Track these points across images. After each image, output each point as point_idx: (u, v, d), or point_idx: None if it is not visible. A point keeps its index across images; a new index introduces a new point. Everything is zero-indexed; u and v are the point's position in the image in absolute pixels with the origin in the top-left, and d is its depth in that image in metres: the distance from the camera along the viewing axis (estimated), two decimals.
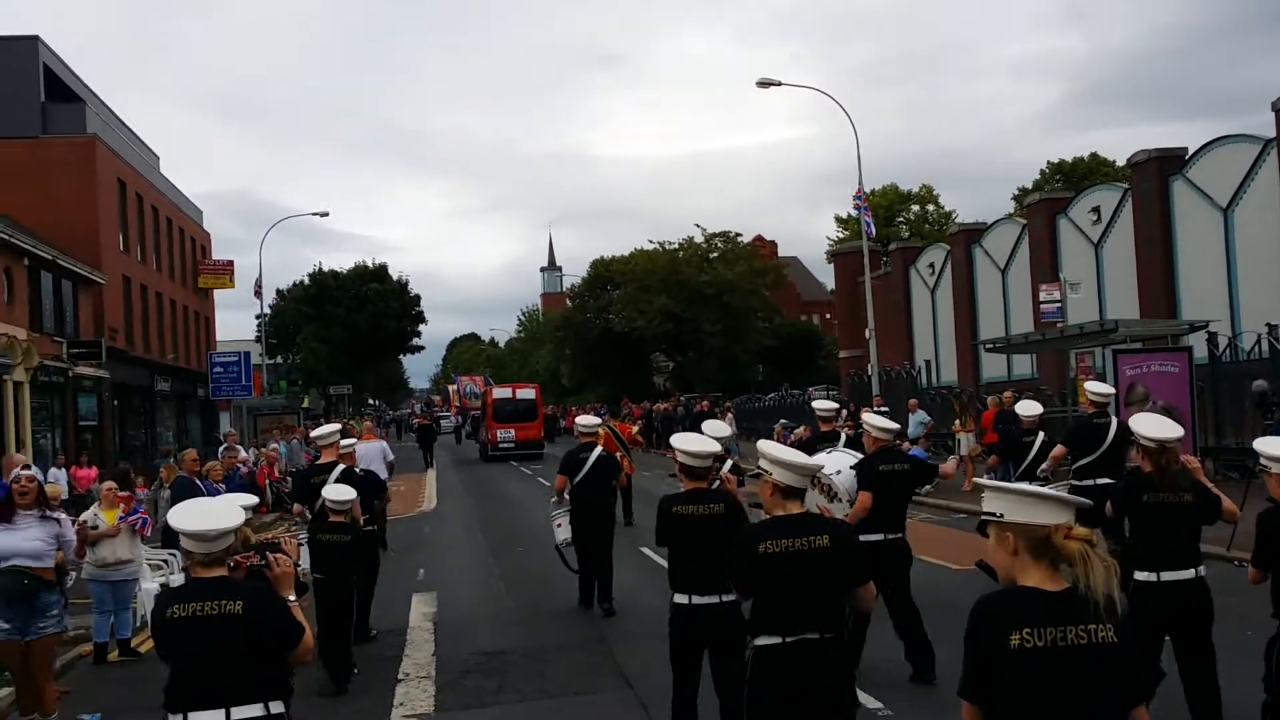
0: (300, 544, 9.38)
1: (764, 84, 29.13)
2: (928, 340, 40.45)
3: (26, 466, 8.57)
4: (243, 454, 20.53)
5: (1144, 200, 28.58)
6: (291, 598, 4.55)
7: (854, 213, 30.70)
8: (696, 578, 6.10)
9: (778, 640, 4.73)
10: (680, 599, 6.20)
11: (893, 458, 8.27)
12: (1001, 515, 3.29)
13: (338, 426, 12.62)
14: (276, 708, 4.29)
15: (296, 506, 10.65)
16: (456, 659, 9.65)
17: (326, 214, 48.14)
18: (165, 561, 12.20)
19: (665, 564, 6.58)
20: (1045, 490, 3.39)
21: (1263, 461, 6.03)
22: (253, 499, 6.17)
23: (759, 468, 5.01)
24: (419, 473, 34.44)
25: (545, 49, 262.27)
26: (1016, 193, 65.67)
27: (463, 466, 39.12)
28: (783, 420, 29.06)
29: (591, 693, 8.56)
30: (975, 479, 4.54)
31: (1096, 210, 31.02)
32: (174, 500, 12.24)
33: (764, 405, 42.51)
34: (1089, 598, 3.10)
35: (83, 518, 10.27)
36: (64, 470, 20.07)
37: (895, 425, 8.72)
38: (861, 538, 7.21)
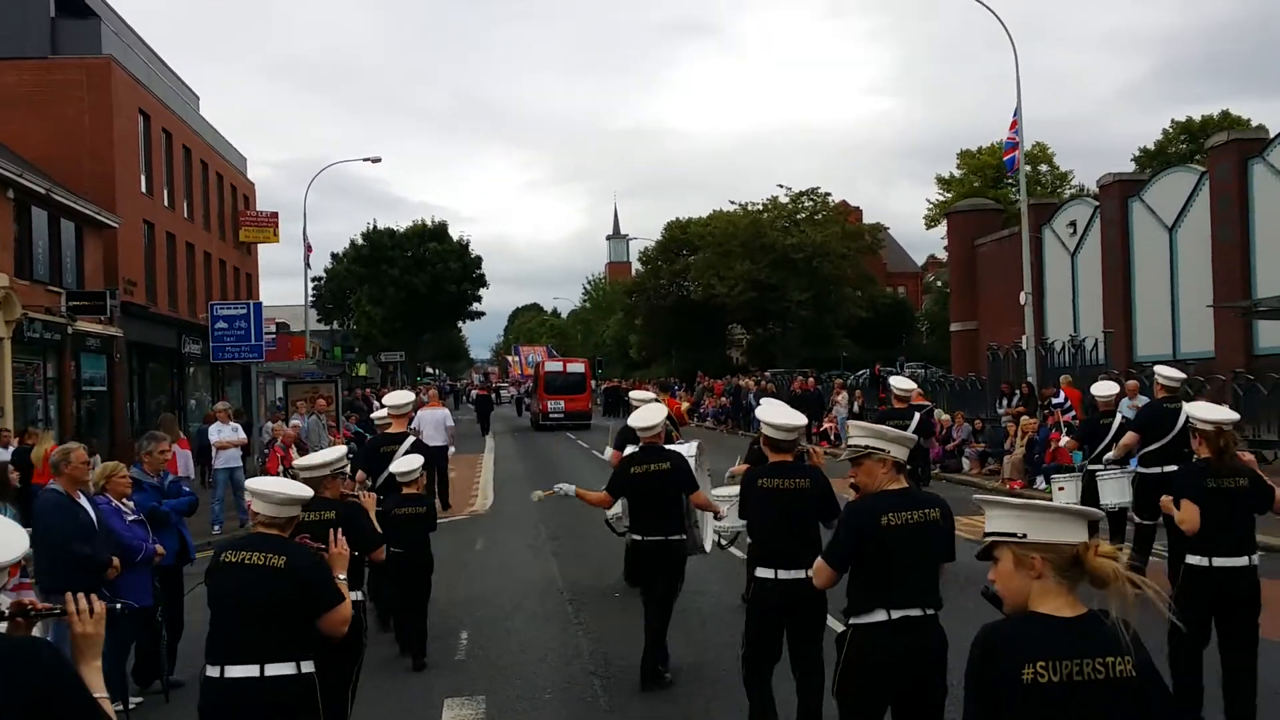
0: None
1: None
2: (1064, 311, 34.83)
3: None
4: (228, 435, 15.88)
5: None
6: (341, 576, 4.74)
7: (1009, 142, 25.13)
8: (784, 552, 5.90)
9: (883, 616, 4.53)
10: (765, 573, 5.97)
11: (651, 457, 7.71)
12: (1024, 535, 2.93)
13: (412, 396, 12.08)
14: (307, 667, 4.41)
15: (360, 474, 9.77)
16: None
17: (379, 160, 43.72)
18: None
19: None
20: (1065, 505, 3.12)
21: None
22: (340, 450, 6.83)
23: (871, 446, 4.74)
24: (475, 453, 30.03)
25: (625, 21, 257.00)
26: (1138, 153, 59.75)
27: (519, 435, 39.85)
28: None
29: None
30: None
31: None
32: (36, 525, 7.35)
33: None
34: (1112, 625, 2.77)
35: None
36: (7, 449, 15.23)
37: (654, 422, 7.95)
38: (645, 537, 7.71)
